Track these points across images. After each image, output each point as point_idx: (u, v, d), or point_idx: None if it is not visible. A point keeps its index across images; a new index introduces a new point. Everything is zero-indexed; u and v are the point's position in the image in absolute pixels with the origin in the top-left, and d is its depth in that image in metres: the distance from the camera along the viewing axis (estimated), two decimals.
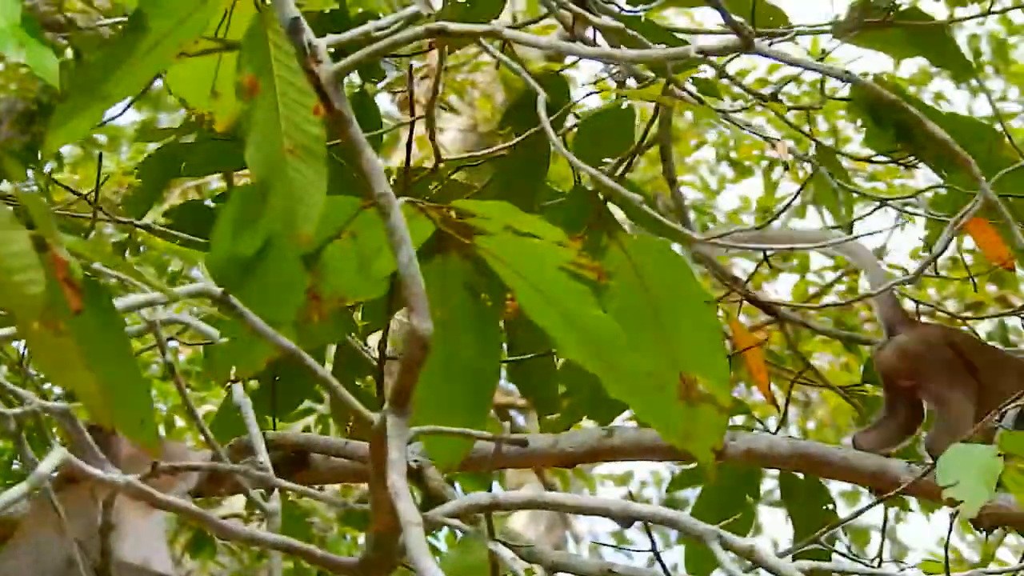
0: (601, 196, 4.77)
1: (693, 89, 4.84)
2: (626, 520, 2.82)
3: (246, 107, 2.47)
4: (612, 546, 7.82)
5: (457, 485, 5.33)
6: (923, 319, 5.04)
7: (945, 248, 4.71)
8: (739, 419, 5.27)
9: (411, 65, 5.43)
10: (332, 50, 2.36)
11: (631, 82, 5.00)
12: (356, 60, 2.40)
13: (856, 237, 5.06)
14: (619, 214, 4.94)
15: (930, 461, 4.23)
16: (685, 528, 2.63)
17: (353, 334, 4.84)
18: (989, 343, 4.62)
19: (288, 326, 2.50)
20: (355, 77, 5.04)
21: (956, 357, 4.51)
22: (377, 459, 2.38)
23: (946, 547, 4.09)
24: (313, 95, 2.35)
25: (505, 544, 3.17)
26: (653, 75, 4.75)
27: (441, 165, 5.06)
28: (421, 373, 2.31)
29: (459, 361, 2.66)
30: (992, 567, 6.51)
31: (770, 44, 4.50)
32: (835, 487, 7.18)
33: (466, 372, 2.67)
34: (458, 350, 2.64)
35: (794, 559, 4.21)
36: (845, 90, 5.08)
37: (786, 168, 7.83)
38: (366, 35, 2.47)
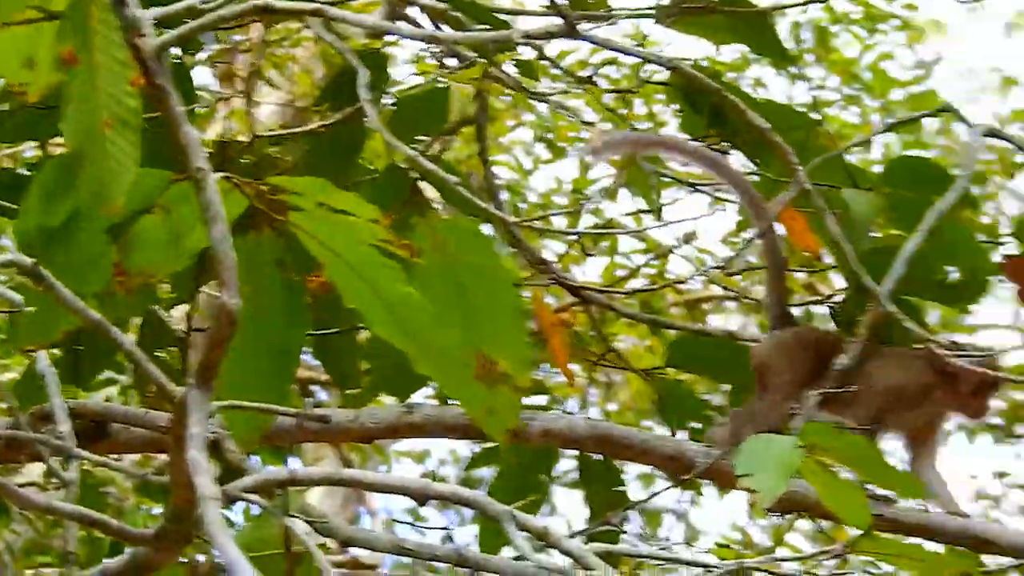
0: (414, 175, 4.81)
1: (514, 71, 4.89)
2: (424, 499, 2.86)
3: (64, 78, 2.49)
4: (406, 523, 7.87)
5: (255, 457, 5.35)
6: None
7: (760, 236, 4.77)
8: (543, 399, 5.32)
9: (232, 39, 5.44)
10: (156, 23, 2.38)
11: (452, 62, 5.03)
12: (181, 34, 2.42)
13: (667, 224, 5.12)
14: (433, 193, 4.96)
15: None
16: (481, 508, 2.69)
17: (158, 305, 4.83)
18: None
19: (91, 298, 2.51)
20: (173, 48, 5.04)
21: (815, 359, 4.55)
22: (177, 433, 2.40)
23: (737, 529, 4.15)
24: (133, 68, 2.37)
25: (300, 518, 3.21)
26: (475, 55, 4.78)
27: (252, 139, 5.05)
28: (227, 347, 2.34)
29: (265, 337, 2.68)
30: (782, 551, 6.64)
31: (590, 28, 4.52)
32: (633, 469, 7.29)
33: (271, 348, 2.70)
34: (265, 326, 2.67)
35: (588, 540, 4.24)
36: (664, 74, 5.12)
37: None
38: (191, 9, 2.50)
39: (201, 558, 3.80)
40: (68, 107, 2.43)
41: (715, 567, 3.70)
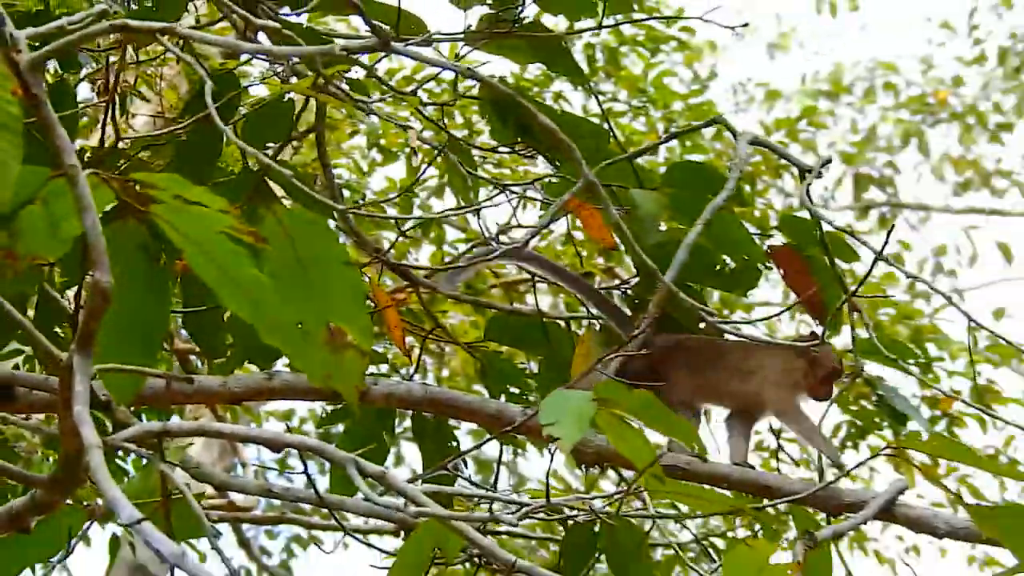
0: (260, 172, 4.82)
1: (347, 87, 4.89)
2: (278, 447, 2.88)
3: None
4: (274, 469, 7.86)
5: (143, 417, 5.32)
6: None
7: (551, 222, 4.82)
8: (383, 368, 5.33)
9: (108, 58, 5.40)
10: (32, 42, 2.38)
11: (295, 79, 5.03)
12: (51, 49, 2.43)
13: (476, 207, 5.15)
14: (281, 192, 4.97)
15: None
16: (327, 455, 2.72)
17: (53, 288, 4.81)
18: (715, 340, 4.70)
19: None
20: (58, 67, 5.01)
21: (685, 355, 4.60)
22: (64, 392, 2.41)
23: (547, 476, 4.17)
24: (13, 79, 2.37)
25: (179, 466, 3.21)
26: (311, 73, 4.79)
27: (128, 145, 5.02)
28: (103, 319, 2.35)
29: (133, 310, 2.69)
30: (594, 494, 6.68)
31: (405, 45, 4.52)
32: (465, 427, 7.33)
33: (140, 320, 2.71)
34: (133, 301, 2.68)
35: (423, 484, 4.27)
36: (477, 90, 5.14)
37: (414, 152, 7.86)
38: (61, 28, 2.50)
39: (100, 502, 3.80)
40: None
41: (527, 504, 3.74)
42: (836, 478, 4.15)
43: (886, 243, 4.38)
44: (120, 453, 4.92)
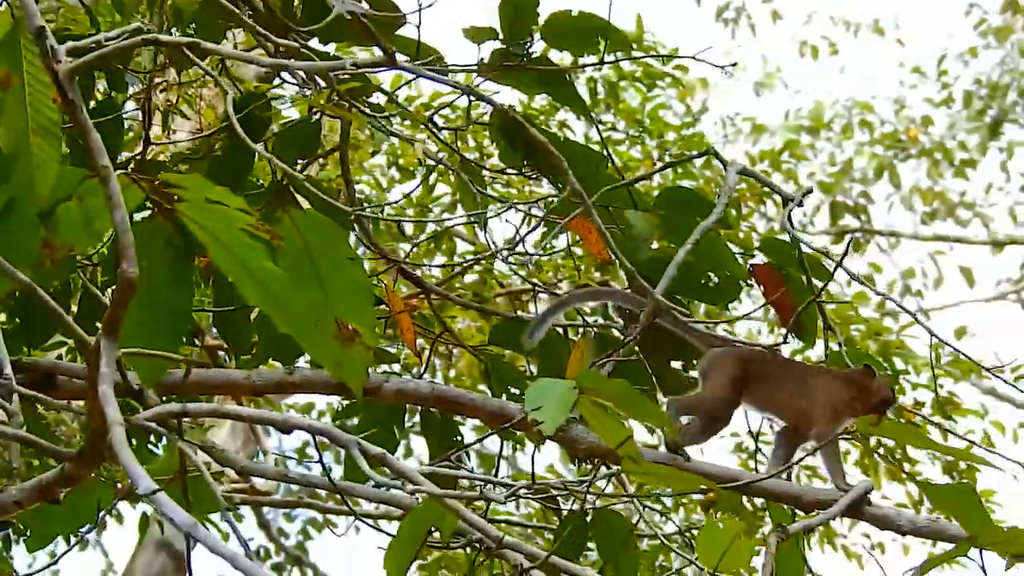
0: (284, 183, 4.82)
1: (368, 110, 4.89)
2: (288, 429, 2.85)
3: (1, 95, 2.47)
4: (291, 457, 7.84)
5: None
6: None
7: (533, 230, 4.83)
8: (396, 367, 5.32)
9: (151, 79, 5.40)
10: (72, 57, 2.37)
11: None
12: (87, 60, 2.42)
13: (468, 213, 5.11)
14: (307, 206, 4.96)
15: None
16: (332, 437, 2.68)
17: (95, 286, 4.80)
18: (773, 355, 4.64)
19: (26, 268, 2.50)
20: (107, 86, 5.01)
21: (741, 369, 4.52)
22: (92, 374, 2.39)
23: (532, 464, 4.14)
24: (53, 88, 2.35)
25: (200, 448, 3.18)
26: (326, 86, 4.77)
27: (169, 159, 5.01)
28: (129, 307, 2.33)
29: (160, 301, 2.68)
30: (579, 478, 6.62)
31: (416, 64, 4.51)
32: (470, 424, 7.31)
33: (164, 309, 2.70)
34: (159, 292, 2.67)
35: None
36: (488, 116, 5.13)
37: (422, 165, 7.84)
38: (98, 43, 2.49)
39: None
40: (2, 118, 2.42)
41: (514, 484, 3.69)
42: (777, 472, 4.16)
43: (845, 255, 4.37)
44: (152, 439, 4.89)
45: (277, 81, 5.87)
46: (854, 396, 4.42)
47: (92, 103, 4.93)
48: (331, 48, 5.04)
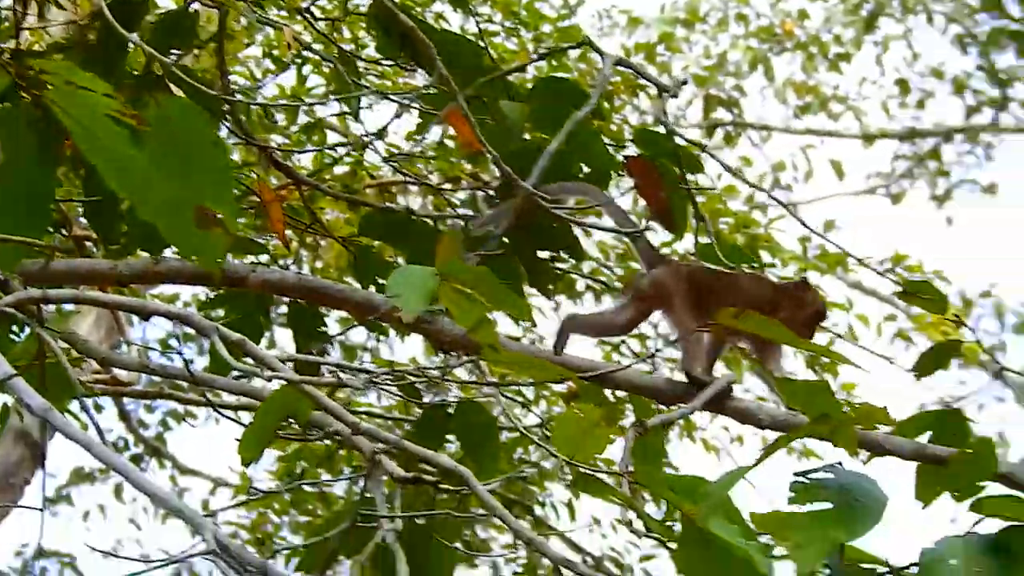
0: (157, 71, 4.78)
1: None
2: (147, 315, 2.86)
3: None
4: (154, 348, 7.81)
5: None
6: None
7: (397, 117, 4.84)
8: (264, 258, 5.32)
9: None
10: None
11: None
12: None
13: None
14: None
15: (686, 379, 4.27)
16: (192, 323, 2.71)
17: None
18: (717, 268, 4.61)
19: None
20: None
21: (691, 288, 4.49)
22: None
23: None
24: None
25: (62, 337, 3.19)
26: None
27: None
28: None
29: (23, 183, 2.67)
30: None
31: None
32: (335, 315, 7.34)
33: (28, 192, 2.69)
34: (22, 176, 2.66)
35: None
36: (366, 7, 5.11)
37: (292, 51, 7.76)
38: None
39: None
40: None
41: (375, 371, 3.73)
42: (637, 362, 4.21)
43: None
44: (15, 329, 4.86)
45: None
46: (788, 308, 4.49)
47: None
48: None
